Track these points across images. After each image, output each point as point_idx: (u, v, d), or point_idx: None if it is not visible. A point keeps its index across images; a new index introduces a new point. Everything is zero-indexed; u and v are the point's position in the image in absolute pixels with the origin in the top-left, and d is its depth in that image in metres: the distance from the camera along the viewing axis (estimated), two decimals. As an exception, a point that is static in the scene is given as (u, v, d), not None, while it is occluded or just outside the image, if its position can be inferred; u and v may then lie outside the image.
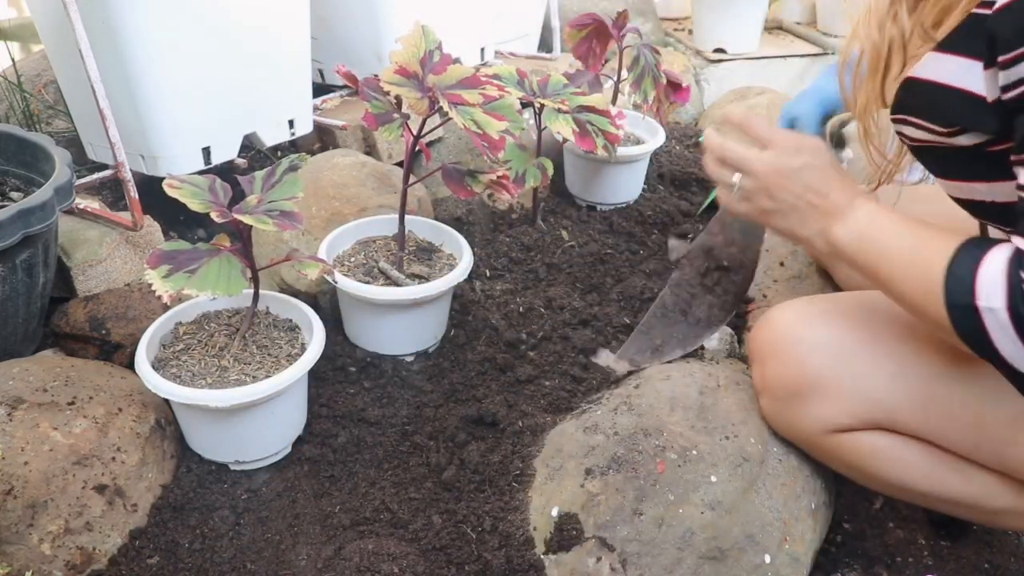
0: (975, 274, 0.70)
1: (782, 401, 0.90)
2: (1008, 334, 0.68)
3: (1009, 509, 0.84)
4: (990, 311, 0.69)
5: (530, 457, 1.00)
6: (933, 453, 0.83)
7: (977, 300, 0.69)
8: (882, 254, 0.79)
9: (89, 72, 1.18)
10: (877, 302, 0.88)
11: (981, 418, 0.79)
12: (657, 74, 1.50)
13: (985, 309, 0.69)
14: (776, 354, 0.90)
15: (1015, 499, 0.83)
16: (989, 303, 0.69)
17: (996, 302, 0.68)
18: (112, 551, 0.90)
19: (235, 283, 0.91)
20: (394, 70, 1.04)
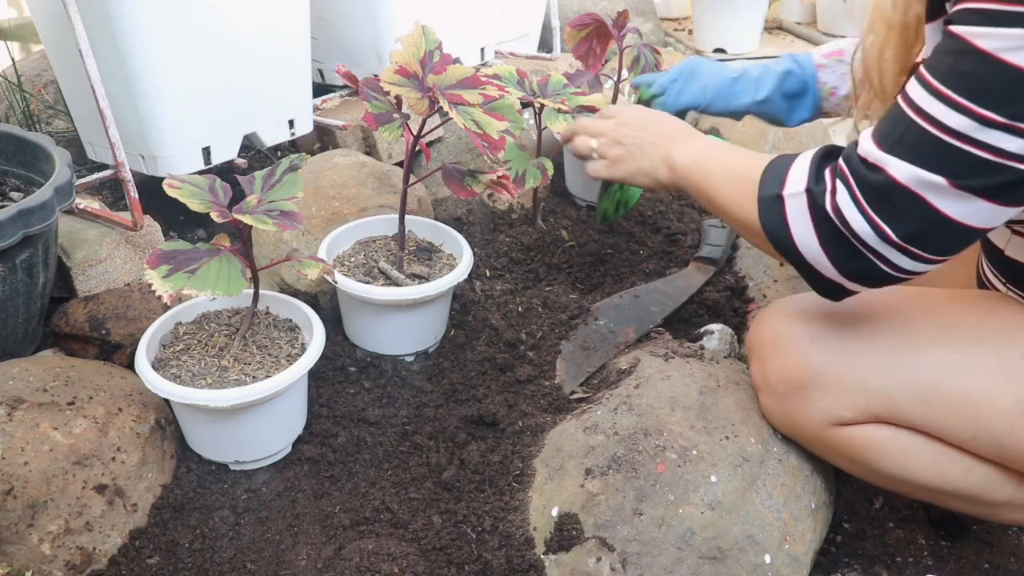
0: (787, 168, 0.79)
1: (782, 396, 0.90)
2: (803, 216, 0.75)
3: (1008, 501, 0.84)
4: (792, 196, 0.76)
5: (530, 457, 1.00)
6: (933, 445, 0.83)
7: (783, 189, 0.77)
8: (711, 171, 0.90)
9: (89, 72, 1.18)
10: (877, 296, 0.88)
11: (980, 409, 0.79)
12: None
13: (788, 196, 0.77)
14: (776, 349, 0.90)
15: (1014, 491, 0.83)
16: (792, 189, 0.77)
17: (799, 186, 0.76)
18: (112, 551, 0.90)
19: (235, 283, 0.91)
20: (394, 70, 1.04)
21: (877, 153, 0.69)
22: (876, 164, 0.69)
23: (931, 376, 0.81)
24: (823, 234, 0.74)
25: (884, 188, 0.69)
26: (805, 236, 0.75)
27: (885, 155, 0.69)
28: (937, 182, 0.66)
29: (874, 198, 0.70)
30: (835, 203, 0.72)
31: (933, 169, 0.66)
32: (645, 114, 1.03)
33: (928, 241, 0.70)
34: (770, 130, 1.88)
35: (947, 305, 0.87)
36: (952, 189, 0.66)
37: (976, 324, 0.83)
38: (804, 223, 0.75)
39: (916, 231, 0.69)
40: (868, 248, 0.71)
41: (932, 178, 0.66)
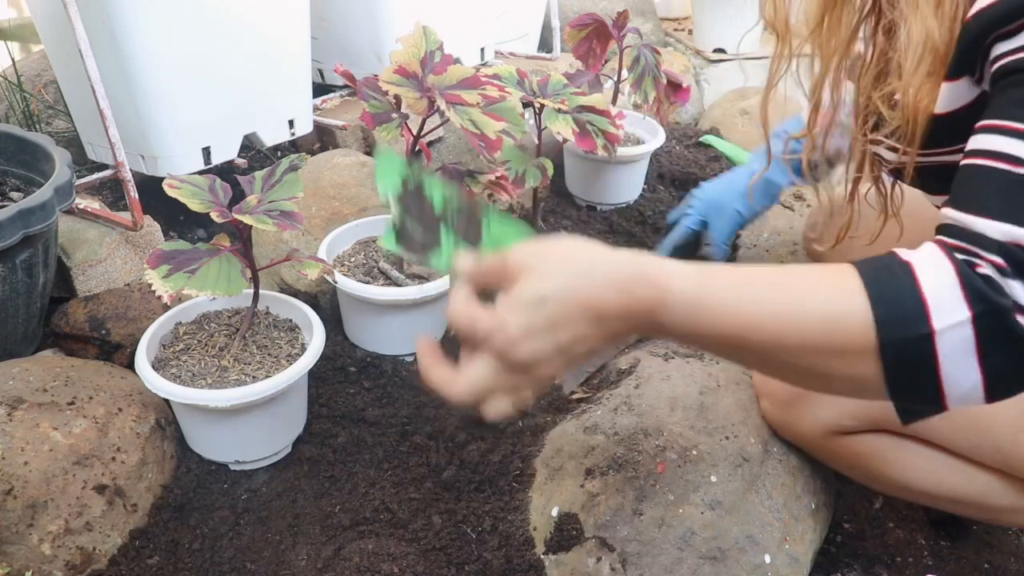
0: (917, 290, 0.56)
1: (783, 403, 0.90)
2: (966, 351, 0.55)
3: (1011, 507, 0.84)
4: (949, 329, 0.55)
5: (530, 457, 1.00)
6: (934, 453, 0.83)
7: (932, 323, 0.55)
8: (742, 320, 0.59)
9: (89, 72, 1.18)
10: None
11: (982, 419, 0.79)
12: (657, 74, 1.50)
13: (942, 330, 0.55)
14: None
15: (1017, 497, 0.83)
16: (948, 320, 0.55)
17: (958, 315, 0.55)
18: (112, 551, 0.90)
19: (235, 283, 0.91)
20: (394, 70, 1.04)
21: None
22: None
23: None
24: (995, 364, 0.56)
25: None
26: (961, 375, 0.56)
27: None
28: None
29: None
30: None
31: None
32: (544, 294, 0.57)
33: None
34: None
35: None
36: None
37: None
38: (966, 362, 0.56)
39: None
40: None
41: None
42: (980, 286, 0.54)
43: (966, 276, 0.55)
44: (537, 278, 0.58)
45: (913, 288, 0.56)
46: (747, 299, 0.58)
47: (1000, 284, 0.55)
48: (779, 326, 0.58)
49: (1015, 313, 0.54)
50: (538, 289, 0.58)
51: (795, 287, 0.59)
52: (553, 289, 0.58)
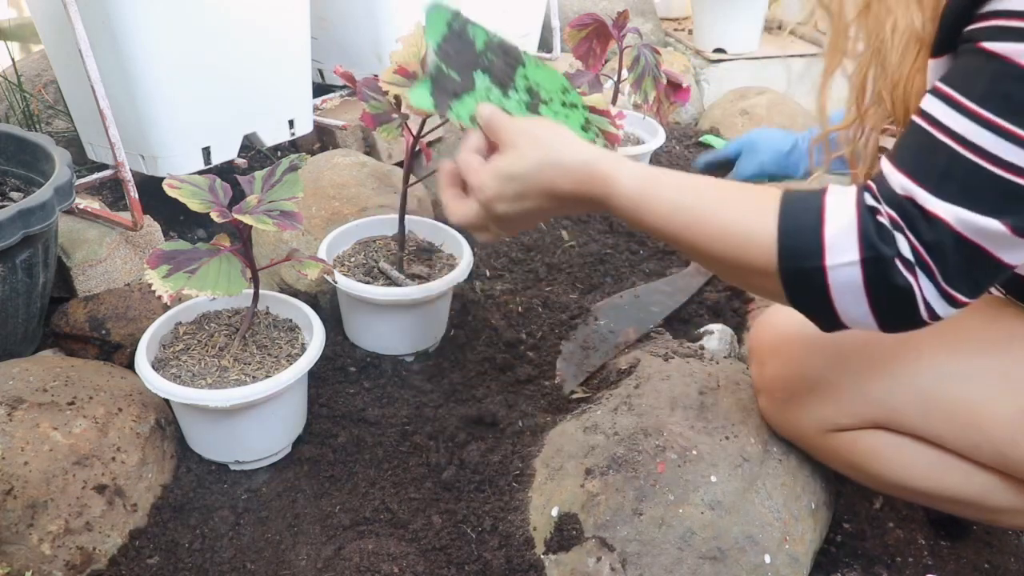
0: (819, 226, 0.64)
1: (781, 401, 0.90)
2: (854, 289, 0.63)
3: (1010, 508, 0.84)
4: (839, 267, 0.63)
5: (530, 457, 1.00)
6: (933, 452, 0.83)
7: (824, 259, 0.64)
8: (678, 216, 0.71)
9: (89, 72, 1.18)
10: None
11: (981, 418, 0.79)
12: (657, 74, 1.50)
13: (833, 267, 0.63)
14: (776, 354, 0.90)
15: (1016, 498, 0.83)
16: (839, 258, 0.63)
17: (848, 255, 0.63)
18: (112, 551, 0.90)
19: (235, 283, 0.91)
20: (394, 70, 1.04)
21: (924, 195, 0.61)
22: (927, 210, 0.61)
23: (931, 384, 0.81)
24: (880, 303, 0.64)
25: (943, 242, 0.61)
26: (852, 306, 0.65)
27: (932, 198, 0.61)
28: (998, 231, 0.60)
29: (936, 254, 0.62)
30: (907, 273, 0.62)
31: (991, 213, 0.60)
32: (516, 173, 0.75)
33: (977, 287, 0.64)
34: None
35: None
36: (1011, 236, 0.60)
37: (978, 331, 0.82)
38: (854, 295, 0.64)
39: (971, 281, 0.63)
40: (926, 305, 0.63)
41: (993, 226, 0.60)
42: (872, 235, 0.63)
43: (864, 223, 0.63)
44: (515, 156, 0.75)
45: (817, 227, 0.64)
46: (677, 205, 0.71)
47: (891, 235, 0.62)
48: (697, 234, 0.70)
49: (897, 262, 0.62)
50: (512, 166, 0.75)
51: (721, 202, 0.70)
52: (523, 170, 0.74)
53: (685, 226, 0.70)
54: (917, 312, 0.64)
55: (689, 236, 0.70)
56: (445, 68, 0.81)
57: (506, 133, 0.77)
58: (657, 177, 0.72)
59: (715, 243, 0.69)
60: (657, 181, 0.72)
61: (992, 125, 0.59)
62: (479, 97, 0.81)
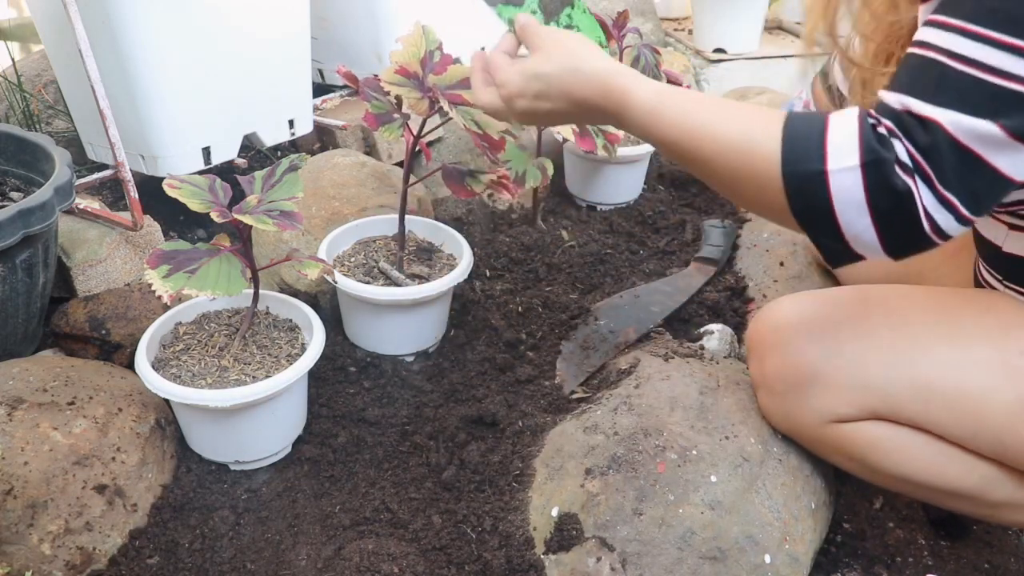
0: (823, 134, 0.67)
1: (781, 394, 0.90)
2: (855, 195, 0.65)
3: (1009, 501, 0.84)
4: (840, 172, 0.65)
5: (530, 457, 1.00)
6: (933, 443, 0.83)
7: (826, 163, 0.66)
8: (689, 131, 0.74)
9: (89, 72, 1.18)
10: (874, 293, 0.88)
11: (980, 406, 0.79)
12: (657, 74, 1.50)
13: (835, 171, 0.65)
14: (775, 347, 0.90)
15: (1015, 490, 0.83)
16: (840, 163, 0.65)
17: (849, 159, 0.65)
18: (112, 551, 0.90)
19: (235, 283, 0.91)
20: (394, 70, 1.04)
21: (920, 104, 0.64)
22: (923, 117, 0.64)
23: (930, 373, 0.81)
24: (881, 211, 0.65)
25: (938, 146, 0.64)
26: (854, 217, 0.66)
27: (928, 105, 0.64)
28: (992, 133, 0.62)
29: (933, 159, 0.64)
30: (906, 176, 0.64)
31: (985, 115, 0.62)
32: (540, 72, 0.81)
33: (977, 199, 0.65)
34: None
35: (945, 302, 0.87)
36: (1006, 139, 0.63)
37: (975, 321, 0.83)
38: (856, 203, 0.65)
39: (972, 192, 0.65)
40: (929, 218, 0.65)
41: (986, 128, 0.62)
42: (871, 140, 0.65)
43: (864, 131, 0.65)
44: (542, 58, 0.81)
45: (821, 135, 0.67)
46: (687, 116, 0.74)
47: (889, 142, 0.65)
48: (705, 143, 0.73)
49: (896, 167, 0.64)
50: (539, 67, 0.80)
51: (729, 114, 0.73)
52: (547, 71, 0.80)
53: (693, 136, 0.73)
54: (919, 223, 0.65)
55: (696, 146, 0.73)
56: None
57: (538, 38, 0.83)
58: (671, 92, 0.76)
59: (721, 152, 0.72)
60: (671, 95, 0.76)
61: (981, 36, 0.63)
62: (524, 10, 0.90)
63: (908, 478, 0.85)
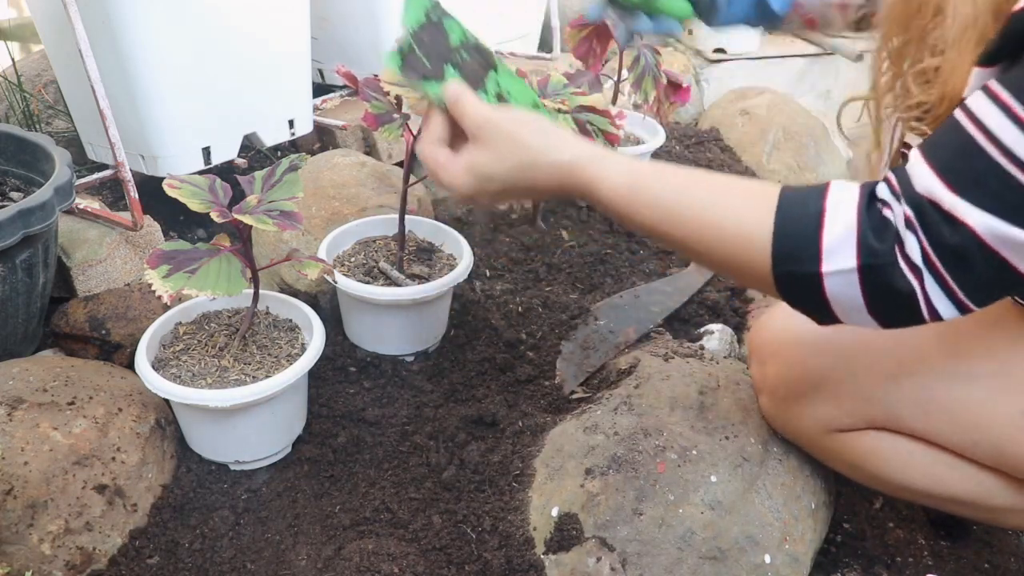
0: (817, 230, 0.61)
1: (782, 401, 0.90)
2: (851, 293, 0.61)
3: (1009, 507, 0.84)
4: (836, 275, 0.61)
5: (530, 457, 1.00)
6: (933, 452, 0.83)
7: (821, 266, 0.61)
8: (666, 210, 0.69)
9: (89, 72, 1.18)
10: None
11: (981, 418, 0.79)
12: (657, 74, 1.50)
13: (830, 274, 0.61)
14: (777, 354, 0.90)
15: (1015, 497, 0.83)
16: (836, 265, 0.61)
17: (846, 262, 0.61)
18: (112, 551, 0.90)
19: (235, 283, 0.91)
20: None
21: (952, 199, 0.57)
22: (952, 215, 0.57)
23: (932, 385, 0.80)
24: (879, 305, 0.62)
25: (964, 248, 0.58)
26: (850, 309, 0.63)
27: (961, 202, 0.57)
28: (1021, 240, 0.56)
29: (952, 260, 0.58)
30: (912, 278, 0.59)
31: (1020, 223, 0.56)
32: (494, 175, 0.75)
33: (989, 297, 0.62)
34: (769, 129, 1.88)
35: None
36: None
37: (979, 333, 0.82)
38: (851, 299, 0.62)
39: (986, 291, 0.61)
40: (930, 308, 0.61)
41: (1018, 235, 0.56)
42: (870, 240, 0.60)
43: (863, 228, 0.60)
44: (492, 158, 0.74)
45: (815, 230, 0.62)
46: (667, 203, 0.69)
47: (896, 234, 0.60)
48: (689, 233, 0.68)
49: (900, 267, 0.60)
50: (490, 168, 0.74)
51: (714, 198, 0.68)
52: (501, 173, 0.74)
53: (676, 225, 0.69)
54: (918, 314, 0.62)
55: (680, 235, 0.69)
56: (418, 51, 0.80)
57: (477, 126, 0.75)
58: (645, 174, 0.70)
59: (708, 242, 0.68)
60: (645, 178, 0.70)
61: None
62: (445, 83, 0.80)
63: (909, 486, 0.86)
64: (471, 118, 0.75)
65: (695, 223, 0.68)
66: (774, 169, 1.81)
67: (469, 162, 0.75)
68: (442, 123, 0.79)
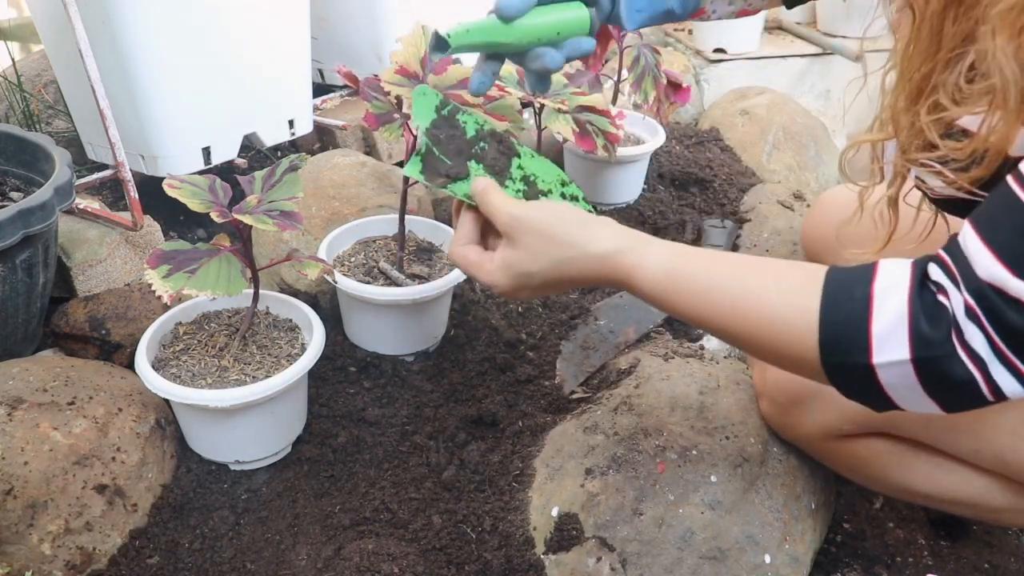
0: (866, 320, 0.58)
1: (783, 406, 0.90)
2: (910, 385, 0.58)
3: (1010, 508, 0.84)
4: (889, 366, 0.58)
5: (530, 457, 1.00)
6: (934, 456, 0.83)
7: (872, 358, 0.58)
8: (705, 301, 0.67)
9: (89, 72, 1.18)
10: None
11: (982, 425, 0.79)
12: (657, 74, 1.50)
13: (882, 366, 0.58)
14: None
15: (1015, 499, 0.83)
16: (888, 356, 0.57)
17: (898, 353, 0.57)
18: (112, 551, 0.90)
19: (235, 283, 0.91)
20: (395, 70, 1.04)
21: (1018, 285, 0.53)
22: (1020, 300, 0.53)
23: None
24: (940, 394, 0.59)
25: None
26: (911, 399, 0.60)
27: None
28: None
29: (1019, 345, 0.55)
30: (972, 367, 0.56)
31: None
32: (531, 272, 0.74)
33: None
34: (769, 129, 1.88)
35: None
36: None
37: None
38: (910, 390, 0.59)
39: None
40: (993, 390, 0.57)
41: None
42: (923, 329, 0.56)
43: (915, 315, 0.57)
44: (527, 256, 0.73)
45: (864, 321, 0.58)
46: (709, 290, 0.67)
47: (958, 323, 0.56)
48: (731, 321, 0.66)
49: (961, 356, 0.56)
50: (524, 265, 0.73)
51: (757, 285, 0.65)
52: (538, 269, 0.73)
53: (718, 313, 0.66)
54: (982, 398, 0.58)
55: (722, 323, 0.67)
56: (436, 151, 0.79)
57: (508, 225, 0.74)
58: (685, 261, 0.69)
59: (752, 331, 0.65)
60: (685, 265, 0.69)
61: None
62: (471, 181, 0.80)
63: (909, 488, 0.86)
64: (501, 217, 0.74)
65: (738, 313, 0.65)
66: (774, 169, 1.81)
67: (505, 261, 0.74)
68: (472, 221, 0.79)
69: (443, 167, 0.80)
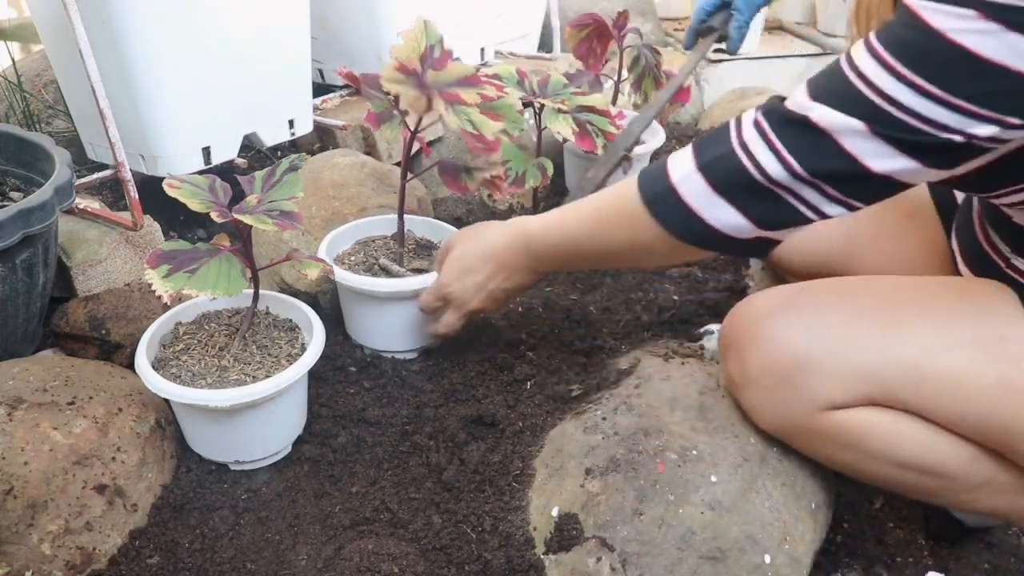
0: (663, 164, 0.79)
1: (768, 388, 0.87)
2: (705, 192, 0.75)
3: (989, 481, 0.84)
4: (684, 180, 0.77)
5: (530, 457, 1.00)
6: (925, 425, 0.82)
7: (670, 180, 0.77)
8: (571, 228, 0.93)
9: (89, 72, 1.18)
10: (850, 282, 0.89)
11: (965, 388, 0.79)
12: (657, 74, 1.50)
13: (679, 181, 0.77)
14: (755, 340, 0.87)
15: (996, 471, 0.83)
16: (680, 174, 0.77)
17: (686, 169, 0.76)
18: (112, 551, 0.90)
19: (235, 283, 0.91)
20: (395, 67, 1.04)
21: (804, 101, 0.71)
22: (798, 111, 0.71)
23: (919, 355, 0.80)
24: (734, 194, 0.75)
25: (799, 126, 0.71)
26: (714, 209, 0.76)
27: (811, 102, 0.70)
28: (856, 127, 0.68)
29: (786, 134, 0.72)
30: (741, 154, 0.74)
31: (853, 114, 0.68)
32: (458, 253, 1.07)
33: (841, 183, 0.72)
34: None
35: (922, 288, 0.87)
36: (870, 135, 0.68)
37: (951, 304, 0.83)
38: (709, 198, 0.76)
39: (826, 168, 0.71)
40: (780, 186, 0.73)
41: (851, 122, 0.68)
42: (706, 143, 0.77)
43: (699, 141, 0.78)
44: (456, 248, 1.07)
45: (663, 162, 0.81)
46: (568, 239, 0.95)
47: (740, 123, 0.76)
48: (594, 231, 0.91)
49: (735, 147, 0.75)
50: (456, 253, 1.07)
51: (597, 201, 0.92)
52: (463, 250, 1.06)
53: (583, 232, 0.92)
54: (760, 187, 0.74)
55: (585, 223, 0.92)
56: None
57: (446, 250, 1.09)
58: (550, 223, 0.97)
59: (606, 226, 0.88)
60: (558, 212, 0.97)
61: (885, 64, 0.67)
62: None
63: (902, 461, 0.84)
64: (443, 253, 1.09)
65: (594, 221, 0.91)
66: (774, 169, 1.81)
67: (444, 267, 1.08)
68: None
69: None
